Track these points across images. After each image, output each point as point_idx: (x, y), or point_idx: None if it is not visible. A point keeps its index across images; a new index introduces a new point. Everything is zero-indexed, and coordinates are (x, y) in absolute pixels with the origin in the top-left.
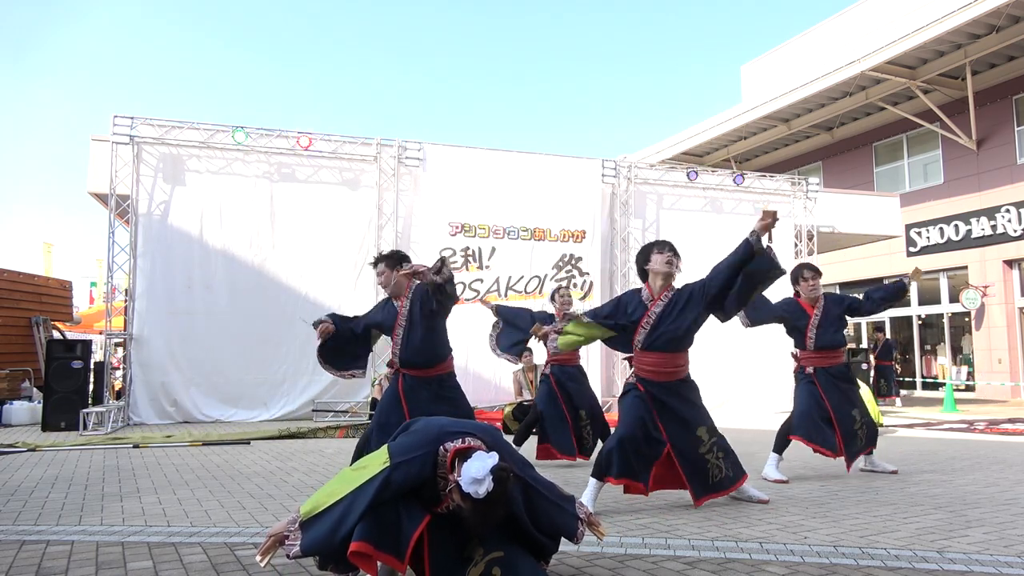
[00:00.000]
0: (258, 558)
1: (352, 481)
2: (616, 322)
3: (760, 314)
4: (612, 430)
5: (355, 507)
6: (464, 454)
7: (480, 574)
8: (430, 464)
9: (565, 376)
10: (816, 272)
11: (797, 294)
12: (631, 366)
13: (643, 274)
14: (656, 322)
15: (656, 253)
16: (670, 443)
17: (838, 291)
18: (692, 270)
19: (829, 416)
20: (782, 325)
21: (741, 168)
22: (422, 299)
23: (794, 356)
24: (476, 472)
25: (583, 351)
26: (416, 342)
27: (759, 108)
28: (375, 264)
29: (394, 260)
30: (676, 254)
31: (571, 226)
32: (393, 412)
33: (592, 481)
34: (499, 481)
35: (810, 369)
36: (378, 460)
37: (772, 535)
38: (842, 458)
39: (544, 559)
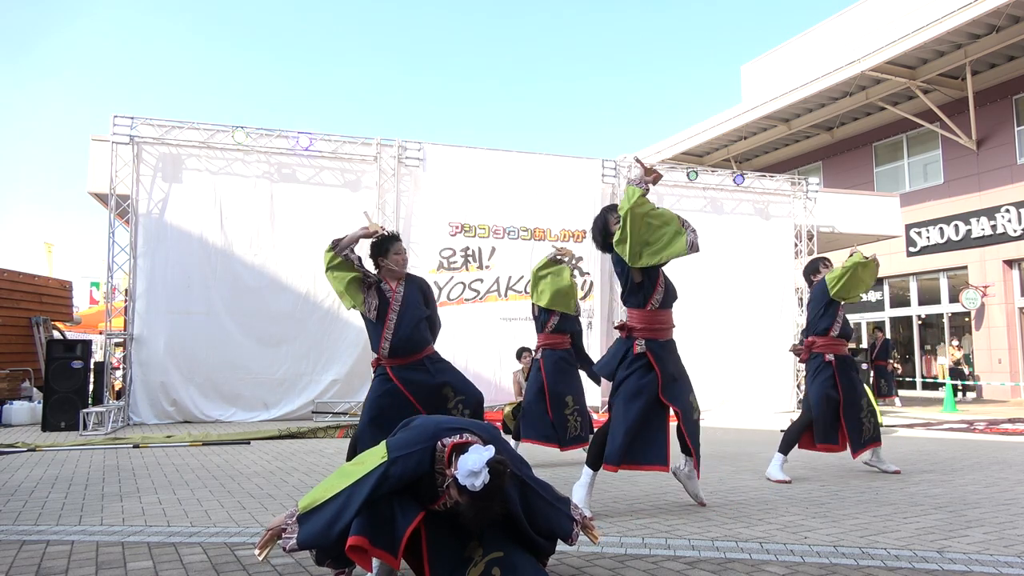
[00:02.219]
0: (256, 551)
1: (350, 476)
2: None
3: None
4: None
5: (352, 502)
6: (461, 448)
7: (480, 574)
8: (428, 459)
9: (553, 362)
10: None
11: (813, 284)
12: (631, 335)
13: (608, 247)
14: (666, 280)
15: (615, 223)
16: (676, 407)
17: None
18: (692, 270)
19: (838, 409)
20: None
21: (741, 168)
22: (420, 289)
23: (808, 345)
24: (472, 465)
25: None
26: (407, 328)
27: (759, 108)
28: (395, 239)
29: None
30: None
31: (571, 226)
32: (392, 405)
33: (587, 471)
34: (495, 474)
35: (829, 356)
36: (376, 455)
37: (772, 535)
38: (837, 451)
39: (540, 560)
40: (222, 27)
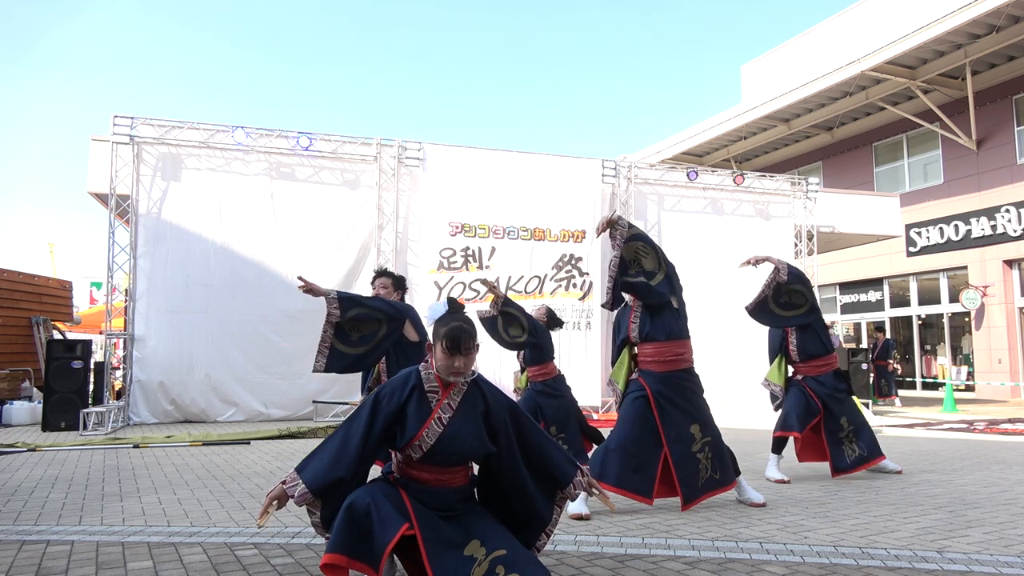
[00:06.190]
0: (257, 521)
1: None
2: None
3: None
4: (605, 432)
5: (353, 433)
6: None
7: (484, 573)
8: (414, 374)
9: (540, 395)
10: None
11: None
12: (635, 365)
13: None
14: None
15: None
16: (667, 445)
17: (838, 292)
18: (692, 270)
19: (819, 416)
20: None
21: (741, 168)
22: None
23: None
24: (432, 304)
25: (583, 352)
26: None
27: (759, 108)
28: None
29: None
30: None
31: (571, 226)
32: None
33: None
34: (451, 300)
35: (799, 376)
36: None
37: (772, 535)
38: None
39: (544, 527)
40: (222, 27)
